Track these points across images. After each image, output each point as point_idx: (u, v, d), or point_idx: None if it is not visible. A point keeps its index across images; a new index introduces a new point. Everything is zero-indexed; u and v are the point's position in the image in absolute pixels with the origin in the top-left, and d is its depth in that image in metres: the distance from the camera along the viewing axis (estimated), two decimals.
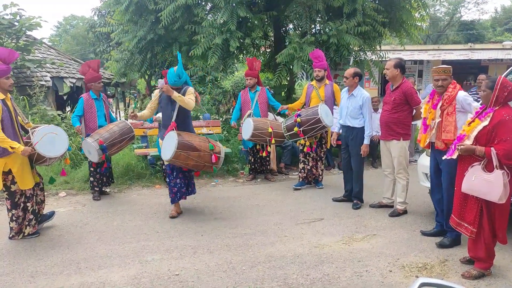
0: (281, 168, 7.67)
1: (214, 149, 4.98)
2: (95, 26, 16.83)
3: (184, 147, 4.77)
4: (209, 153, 4.94)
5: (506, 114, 3.36)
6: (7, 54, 4.31)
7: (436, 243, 4.22)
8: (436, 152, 4.26)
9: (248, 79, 6.89)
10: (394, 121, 5.01)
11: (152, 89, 14.35)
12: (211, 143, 5.00)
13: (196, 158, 4.88)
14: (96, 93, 5.94)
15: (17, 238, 4.49)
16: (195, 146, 4.85)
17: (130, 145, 7.19)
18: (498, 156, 3.32)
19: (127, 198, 6.12)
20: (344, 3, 7.82)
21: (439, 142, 4.15)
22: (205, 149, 4.94)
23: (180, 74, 4.89)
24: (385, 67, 5.08)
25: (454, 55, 14.66)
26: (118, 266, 3.86)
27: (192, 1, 7.81)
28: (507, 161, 3.31)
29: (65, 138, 4.55)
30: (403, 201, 5.18)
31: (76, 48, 36.51)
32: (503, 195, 3.31)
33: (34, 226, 4.58)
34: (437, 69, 4.17)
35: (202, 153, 4.91)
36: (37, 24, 9.31)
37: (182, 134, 4.87)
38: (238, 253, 4.13)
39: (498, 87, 3.39)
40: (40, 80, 9.58)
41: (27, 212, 4.51)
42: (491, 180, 3.33)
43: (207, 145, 4.97)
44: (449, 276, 3.61)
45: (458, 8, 34.87)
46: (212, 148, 4.96)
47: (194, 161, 4.90)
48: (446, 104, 4.08)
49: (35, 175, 4.59)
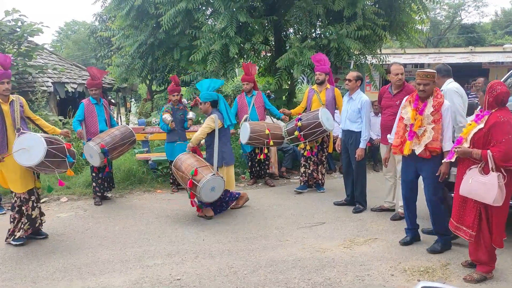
0: (282, 172, 7.67)
1: (194, 175, 4.98)
2: (96, 32, 16.89)
3: (175, 165, 5.29)
4: (187, 177, 5.04)
5: (502, 116, 3.38)
6: (3, 60, 4.33)
7: (427, 249, 4.19)
8: (417, 159, 4.06)
9: (244, 84, 6.92)
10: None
11: (153, 94, 14.39)
12: (194, 169, 4.99)
13: (181, 178, 5.24)
14: (96, 98, 5.96)
15: (9, 240, 4.49)
16: (182, 167, 5.17)
17: (131, 150, 7.20)
18: (494, 158, 3.32)
19: (128, 203, 6.12)
20: (344, 7, 7.83)
21: (423, 150, 3.95)
22: (187, 172, 5.05)
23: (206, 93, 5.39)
24: (398, 72, 4.97)
25: (455, 58, 14.64)
26: (120, 271, 3.86)
27: (192, 6, 7.84)
28: (503, 163, 3.31)
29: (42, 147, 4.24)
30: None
31: (77, 54, 36.59)
32: (498, 197, 3.30)
33: (26, 231, 4.51)
34: (419, 72, 3.95)
35: (184, 175, 5.11)
36: (38, 30, 9.35)
37: (184, 154, 5.33)
38: (239, 257, 4.13)
39: (487, 90, 3.46)
40: (42, 85, 9.63)
41: (22, 215, 4.50)
42: (487, 182, 3.33)
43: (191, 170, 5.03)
44: (451, 280, 3.60)
45: (459, 12, 34.89)
46: (192, 173, 4.99)
47: (181, 179, 5.26)
48: (435, 111, 3.93)
49: (36, 181, 4.59)
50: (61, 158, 4.42)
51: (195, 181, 4.95)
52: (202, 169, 5.05)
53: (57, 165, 4.43)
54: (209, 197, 5.07)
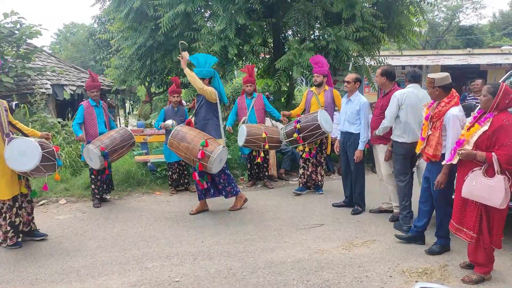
0: (281, 174, 7.68)
1: (205, 146, 5.02)
2: (95, 34, 16.88)
3: (176, 137, 5.14)
4: (197, 148, 5.02)
5: (506, 119, 3.37)
6: None
7: (426, 251, 4.21)
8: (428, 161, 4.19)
9: (248, 85, 6.88)
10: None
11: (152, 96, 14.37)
12: (205, 140, 5.04)
13: (185, 150, 5.10)
14: (95, 100, 5.97)
15: (3, 246, 4.45)
16: (186, 138, 5.09)
17: (130, 152, 7.21)
18: (500, 161, 3.31)
19: (127, 205, 6.12)
20: (343, 9, 7.86)
21: (424, 154, 4.12)
22: (196, 143, 5.04)
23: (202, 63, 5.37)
24: (377, 74, 5.17)
25: (453, 60, 14.68)
26: (119, 273, 3.86)
27: (191, 9, 7.86)
28: (509, 166, 3.31)
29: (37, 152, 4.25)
30: (399, 204, 5.19)
31: (76, 56, 36.63)
32: (504, 200, 3.30)
33: (11, 239, 4.44)
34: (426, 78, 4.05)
35: (192, 146, 5.05)
36: (37, 32, 9.36)
37: (184, 127, 5.22)
38: (238, 259, 4.13)
39: (501, 94, 3.39)
40: (41, 87, 9.62)
41: (6, 222, 4.41)
42: (492, 185, 3.32)
43: (200, 141, 5.06)
44: (449, 281, 3.61)
45: (457, 14, 34.98)
46: (202, 144, 5.01)
47: (184, 152, 5.13)
48: (436, 118, 3.96)
49: (21, 186, 4.50)
50: (52, 161, 4.41)
51: (207, 151, 5.00)
52: (210, 140, 5.14)
53: (48, 169, 4.41)
54: (217, 169, 5.18)
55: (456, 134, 3.77)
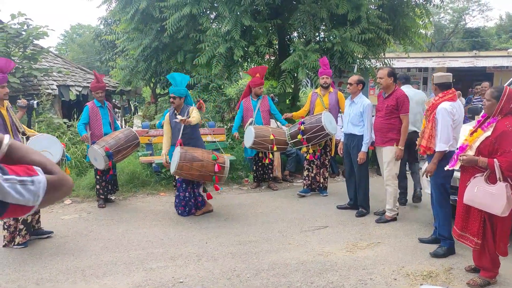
0: (285, 176, 7.68)
1: (217, 159, 5.21)
2: (101, 35, 16.96)
3: (186, 158, 5.12)
4: (212, 162, 5.16)
5: (510, 125, 3.29)
6: (4, 64, 4.35)
7: (430, 253, 4.18)
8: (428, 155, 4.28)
9: (260, 87, 6.84)
10: (388, 127, 5.04)
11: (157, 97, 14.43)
12: (214, 154, 5.25)
13: (199, 168, 5.14)
14: (100, 101, 6.01)
15: (10, 246, 4.48)
16: (197, 157, 5.15)
17: (135, 152, 7.23)
18: (502, 168, 3.24)
19: (132, 206, 6.14)
20: (348, 11, 7.85)
21: (420, 148, 4.20)
22: (208, 159, 5.18)
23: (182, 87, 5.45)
24: (378, 76, 5.13)
25: (459, 62, 14.63)
26: (123, 274, 3.87)
27: (196, 10, 7.88)
28: (511, 173, 3.25)
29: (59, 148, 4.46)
30: (391, 208, 5.18)
31: (82, 57, 36.80)
32: (506, 208, 3.22)
33: (24, 237, 4.50)
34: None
35: (205, 163, 5.15)
36: (44, 33, 9.42)
37: (185, 148, 5.23)
38: (242, 260, 4.13)
39: (505, 98, 3.33)
40: (47, 88, 9.67)
41: (18, 221, 4.47)
42: (494, 192, 3.25)
43: (210, 156, 5.23)
44: (454, 285, 3.59)
45: (463, 16, 34.86)
46: (214, 159, 5.19)
47: (198, 171, 5.15)
48: (429, 111, 4.11)
49: None
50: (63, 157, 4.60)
51: (221, 163, 5.21)
52: (215, 153, 5.37)
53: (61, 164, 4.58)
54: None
55: (445, 127, 3.91)
